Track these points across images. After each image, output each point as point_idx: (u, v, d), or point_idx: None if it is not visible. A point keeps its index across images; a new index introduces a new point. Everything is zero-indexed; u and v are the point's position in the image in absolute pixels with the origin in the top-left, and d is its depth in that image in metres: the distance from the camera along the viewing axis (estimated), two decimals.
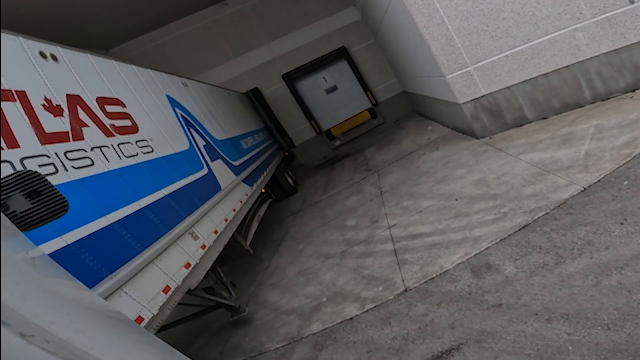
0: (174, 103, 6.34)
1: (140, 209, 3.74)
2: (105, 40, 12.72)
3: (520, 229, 3.99)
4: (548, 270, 3.27)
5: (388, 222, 5.90)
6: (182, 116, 6.40)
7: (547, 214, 4.01)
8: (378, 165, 9.67)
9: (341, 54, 14.65)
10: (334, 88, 15.03)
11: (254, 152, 9.98)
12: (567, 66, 6.22)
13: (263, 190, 9.95)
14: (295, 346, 4.08)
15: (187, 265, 4.03)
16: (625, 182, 3.89)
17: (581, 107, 6.37)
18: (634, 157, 4.21)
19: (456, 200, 5.40)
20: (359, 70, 14.85)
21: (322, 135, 15.27)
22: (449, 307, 3.44)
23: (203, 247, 4.55)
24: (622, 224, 3.35)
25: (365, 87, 14.96)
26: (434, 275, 3.98)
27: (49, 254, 2.34)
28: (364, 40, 14.63)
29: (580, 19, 5.87)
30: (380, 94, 15.10)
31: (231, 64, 14.30)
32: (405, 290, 4.01)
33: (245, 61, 14.35)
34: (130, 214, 3.56)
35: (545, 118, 6.70)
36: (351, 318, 4.05)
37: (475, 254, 3.96)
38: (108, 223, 3.20)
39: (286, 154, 14.30)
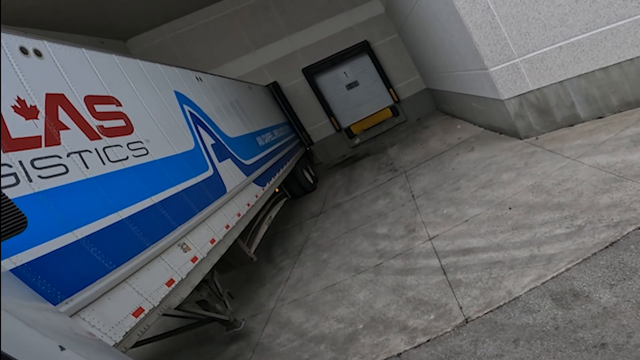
0: (182, 99, 5.90)
1: (119, 221, 3.34)
2: (123, 30, 12.25)
3: (606, 247, 3.29)
4: None
5: (428, 232, 5.23)
6: (191, 113, 5.94)
7: (639, 228, 3.31)
8: (405, 166, 9.00)
9: (363, 48, 14.00)
10: (355, 84, 14.39)
11: (271, 149, 9.43)
12: (631, 59, 5.48)
13: (277, 190, 9.42)
14: None
15: (170, 283, 3.62)
16: None
17: None
18: None
19: (510, 209, 4.71)
20: (381, 66, 14.19)
21: (342, 132, 14.65)
22: (531, 347, 2.76)
23: (194, 259, 4.13)
24: None
25: (388, 84, 14.30)
26: (502, 303, 3.29)
27: None
28: (387, 35, 13.98)
29: None
30: (402, 90, 14.43)
31: (251, 56, 13.73)
32: (466, 320, 3.33)
33: (265, 54, 13.76)
34: (105, 228, 3.19)
35: (601, 117, 5.97)
36: (399, 354, 3.37)
37: (553, 277, 3.27)
38: (74, 240, 2.86)
39: (307, 149, 13.78)
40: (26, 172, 2.73)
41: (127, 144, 3.99)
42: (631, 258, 3.06)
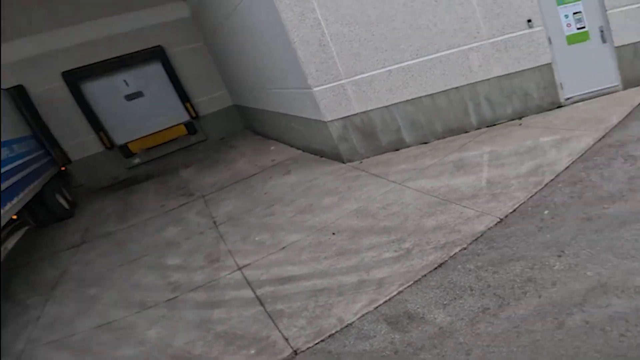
0: None
1: None
2: None
3: (435, 268, 3.79)
4: (492, 315, 3.04)
5: (236, 262, 5.19)
6: None
7: (464, 249, 3.92)
8: (204, 190, 8.92)
9: (156, 54, 13.83)
10: (139, 94, 14.03)
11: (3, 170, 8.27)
12: (457, 88, 6.66)
13: (15, 217, 8.79)
14: None
15: None
16: (546, 212, 4.09)
17: (466, 132, 6.86)
18: (546, 185, 4.56)
19: (334, 234, 5.03)
20: (177, 77, 14.18)
21: (115, 150, 13.91)
22: None
23: None
24: (559, 256, 3.41)
25: (184, 97, 14.30)
26: (334, 331, 3.42)
27: None
28: (190, 42, 14.11)
29: (477, 39, 6.37)
30: (203, 106, 14.56)
31: None
32: (295, 352, 3.33)
33: (11, 49, 11.99)
34: None
35: (425, 142, 7.00)
36: None
37: (386, 301, 3.57)
38: None
39: (62, 168, 12.48)
40: None
41: None
42: (460, 277, 3.56)
